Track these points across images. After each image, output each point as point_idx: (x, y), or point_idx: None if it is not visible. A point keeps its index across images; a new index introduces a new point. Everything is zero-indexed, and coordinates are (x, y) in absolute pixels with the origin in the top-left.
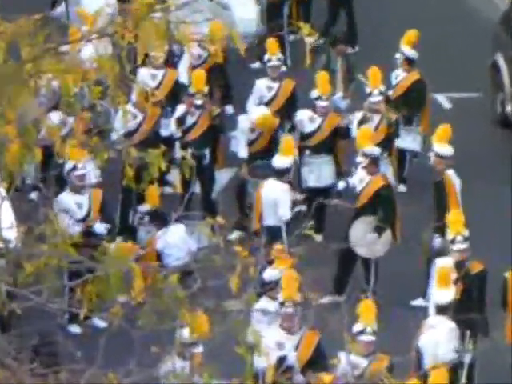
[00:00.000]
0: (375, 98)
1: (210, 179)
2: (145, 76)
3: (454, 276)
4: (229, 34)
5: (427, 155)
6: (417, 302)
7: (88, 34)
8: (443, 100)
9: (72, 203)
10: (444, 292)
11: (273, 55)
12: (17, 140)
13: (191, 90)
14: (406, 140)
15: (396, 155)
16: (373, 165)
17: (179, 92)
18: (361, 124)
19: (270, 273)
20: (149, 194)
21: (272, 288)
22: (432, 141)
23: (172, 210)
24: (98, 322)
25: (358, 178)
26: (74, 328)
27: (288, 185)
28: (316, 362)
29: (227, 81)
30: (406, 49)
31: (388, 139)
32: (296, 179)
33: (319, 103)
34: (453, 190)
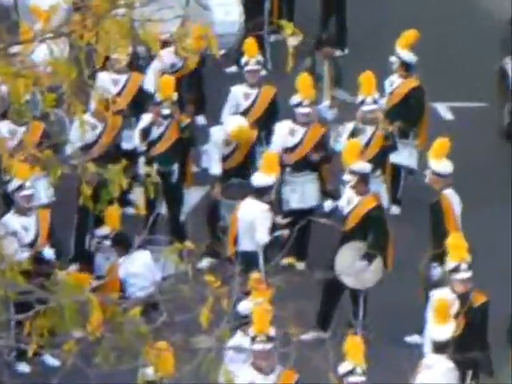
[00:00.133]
0: (368, 107)
1: (178, 199)
2: (105, 81)
3: (454, 310)
4: (205, 38)
5: (424, 173)
6: (412, 339)
7: (41, 33)
8: (444, 110)
9: (18, 226)
10: (442, 328)
11: (251, 58)
12: None
13: (158, 98)
14: (402, 155)
15: (390, 172)
16: (362, 183)
17: (144, 100)
18: (352, 137)
19: (246, 305)
20: (108, 216)
21: (248, 322)
22: (428, 157)
23: (135, 234)
24: (50, 360)
25: (346, 199)
26: (23, 366)
27: (268, 205)
28: None
29: (202, 92)
30: (403, 52)
31: (383, 154)
32: (276, 200)
33: (300, 110)
34: (451, 212)
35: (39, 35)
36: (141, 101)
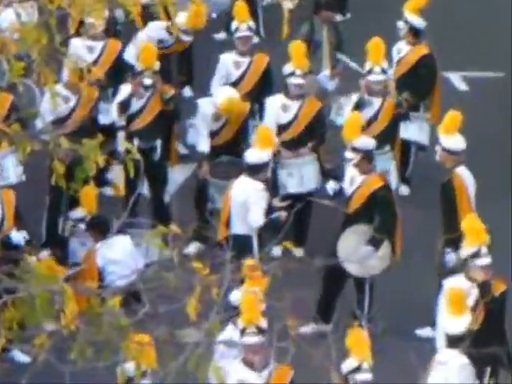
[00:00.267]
0: (376, 77)
1: (162, 178)
2: (79, 48)
3: (471, 300)
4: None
5: (435, 149)
6: (423, 332)
7: None
8: (457, 80)
9: None
10: (457, 320)
11: (242, 23)
12: None
13: (139, 67)
14: (411, 130)
15: (399, 148)
16: (366, 161)
17: (123, 69)
18: (356, 109)
19: (238, 295)
20: (83, 197)
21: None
22: (439, 131)
23: (113, 217)
24: (20, 356)
25: (349, 179)
26: None
27: (263, 184)
28: None
29: (191, 63)
30: (411, 16)
31: (393, 126)
32: (271, 182)
33: (292, 81)
34: (464, 192)
35: None
36: (119, 70)
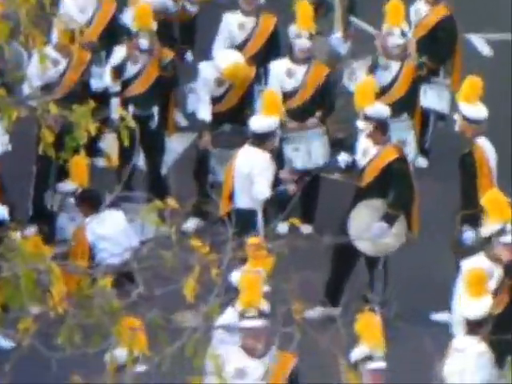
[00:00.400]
0: (395, 41)
1: (159, 149)
2: (70, 8)
3: (494, 281)
4: None
5: (454, 118)
6: (440, 317)
7: None
8: (480, 43)
9: None
10: (476, 303)
11: None
12: None
13: (134, 28)
14: (430, 97)
15: (419, 117)
16: (379, 131)
17: (118, 31)
18: (371, 73)
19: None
20: (74, 168)
21: None
22: (458, 99)
23: (106, 190)
24: (2, 342)
25: (362, 150)
26: None
27: (270, 154)
28: None
29: (194, 36)
30: None
31: (413, 91)
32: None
33: (298, 43)
34: (485, 165)
35: None
36: (114, 32)
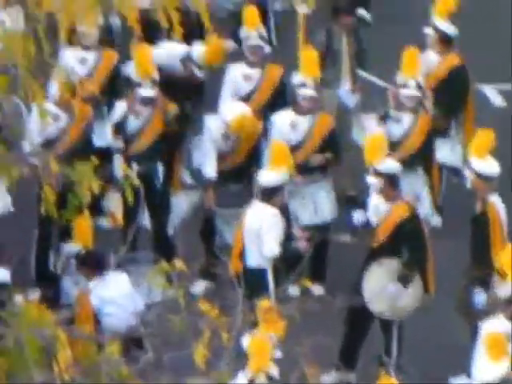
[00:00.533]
0: (410, 93)
1: (165, 207)
2: (71, 60)
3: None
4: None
5: (465, 175)
6: (459, 381)
7: None
8: (493, 94)
9: None
10: (496, 366)
11: (252, 30)
12: None
13: (136, 77)
14: (442, 151)
15: (436, 173)
16: (390, 187)
17: (120, 83)
18: (381, 125)
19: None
20: (77, 228)
21: None
22: (469, 153)
23: (111, 251)
24: None
25: (373, 207)
26: None
27: (278, 210)
28: None
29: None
30: (441, 22)
31: (428, 145)
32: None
33: (303, 92)
34: (498, 225)
35: None
36: (116, 85)
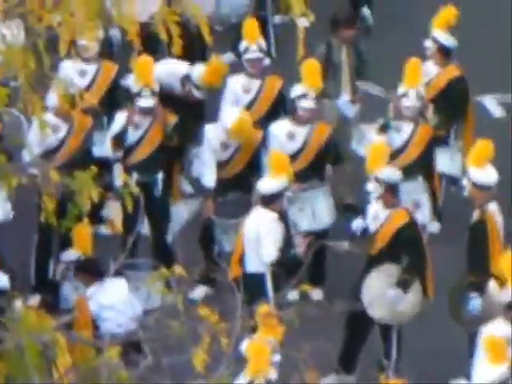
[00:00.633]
0: (410, 103)
1: (164, 215)
2: (71, 72)
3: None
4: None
5: (463, 184)
6: (458, 383)
7: None
8: (492, 105)
9: None
10: (496, 369)
11: (251, 43)
12: None
13: (135, 87)
14: (441, 161)
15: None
16: (390, 194)
17: (119, 94)
18: (381, 135)
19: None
20: (77, 236)
21: None
22: (467, 163)
23: (110, 258)
24: None
25: (372, 214)
26: None
27: (277, 215)
28: None
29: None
30: (440, 33)
31: (428, 154)
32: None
33: (303, 104)
34: (496, 234)
35: None
36: (115, 96)
